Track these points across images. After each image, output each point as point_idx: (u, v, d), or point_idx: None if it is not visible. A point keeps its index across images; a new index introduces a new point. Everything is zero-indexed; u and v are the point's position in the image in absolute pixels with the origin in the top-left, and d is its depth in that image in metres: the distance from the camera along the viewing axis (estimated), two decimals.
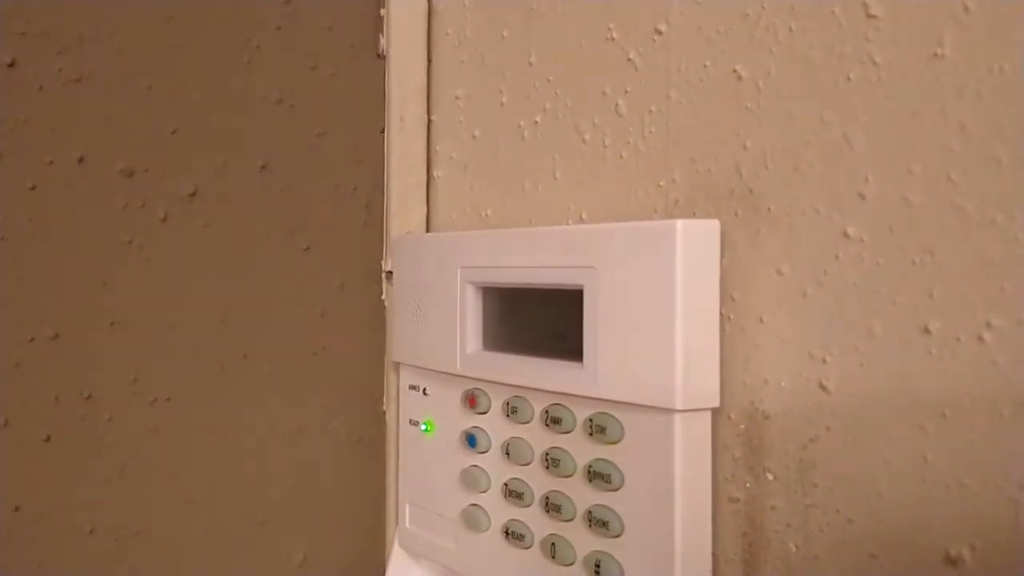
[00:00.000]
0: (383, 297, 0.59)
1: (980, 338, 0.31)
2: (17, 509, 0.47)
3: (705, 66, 0.40)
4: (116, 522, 0.49)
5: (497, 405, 0.47)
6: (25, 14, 0.46)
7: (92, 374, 0.49)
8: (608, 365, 0.40)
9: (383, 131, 0.58)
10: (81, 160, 0.48)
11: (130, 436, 0.50)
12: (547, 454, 0.44)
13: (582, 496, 0.42)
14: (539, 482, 0.44)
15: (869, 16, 0.34)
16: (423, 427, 0.53)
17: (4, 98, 0.46)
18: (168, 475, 0.51)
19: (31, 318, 0.47)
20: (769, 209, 0.38)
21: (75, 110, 0.48)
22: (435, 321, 0.51)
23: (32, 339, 0.47)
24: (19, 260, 0.46)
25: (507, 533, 0.46)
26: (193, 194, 0.51)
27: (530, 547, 0.45)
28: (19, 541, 0.47)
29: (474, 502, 0.49)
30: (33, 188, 0.47)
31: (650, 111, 0.43)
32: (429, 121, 0.58)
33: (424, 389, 0.53)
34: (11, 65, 0.46)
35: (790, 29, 0.37)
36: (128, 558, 0.50)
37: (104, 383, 0.49)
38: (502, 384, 0.46)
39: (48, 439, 0.47)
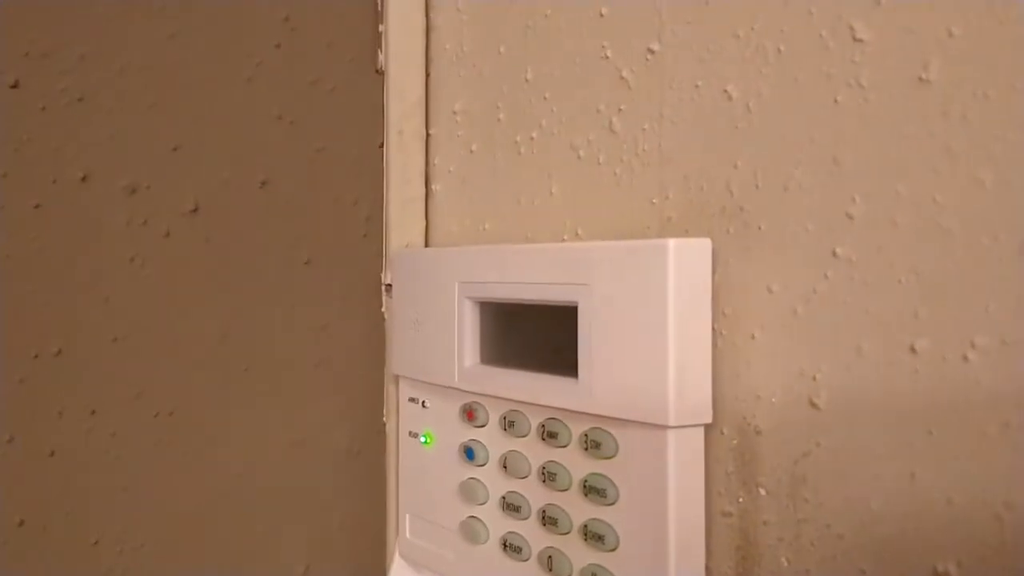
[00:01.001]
0: (383, 310, 0.59)
1: (965, 357, 0.32)
2: (21, 524, 0.47)
3: (697, 86, 0.41)
4: (120, 535, 0.50)
5: (495, 419, 0.48)
6: (28, 35, 0.47)
7: (96, 389, 0.49)
8: (602, 381, 0.41)
9: (382, 145, 0.59)
10: (84, 178, 0.49)
11: (133, 450, 0.50)
12: (544, 468, 0.44)
13: (578, 510, 0.43)
14: (536, 495, 0.45)
15: (856, 40, 0.34)
16: (422, 439, 0.53)
17: (7, 118, 0.47)
18: (171, 488, 0.52)
19: (35, 334, 0.48)
20: (760, 227, 0.38)
21: (78, 129, 0.48)
22: (433, 334, 0.51)
23: (36, 355, 0.48)
24: (23, 277, 0.47)
25: (505, 545, 0.47)
26: (195, 210, 0.52)
27: (527, 559, 0.46)
28: (24, 555, 0.47)
29: (473, 514, 0.49)
30: (37, 207, 0.47)
31: (643, 129, 0.43)
32: (427, 135, 0.58)
33: (423, 402, 0.54)
34: (14, 86, 0.47)
35: (779, 50, 0.37)
36: (132, 571, 0.50)
37: (108, 398, 0.50)
38: (499, 398, 0.47)
39: (52, 454, 0.48)
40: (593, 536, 0.42)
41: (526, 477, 0.46)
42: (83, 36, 0.49)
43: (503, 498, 0.47)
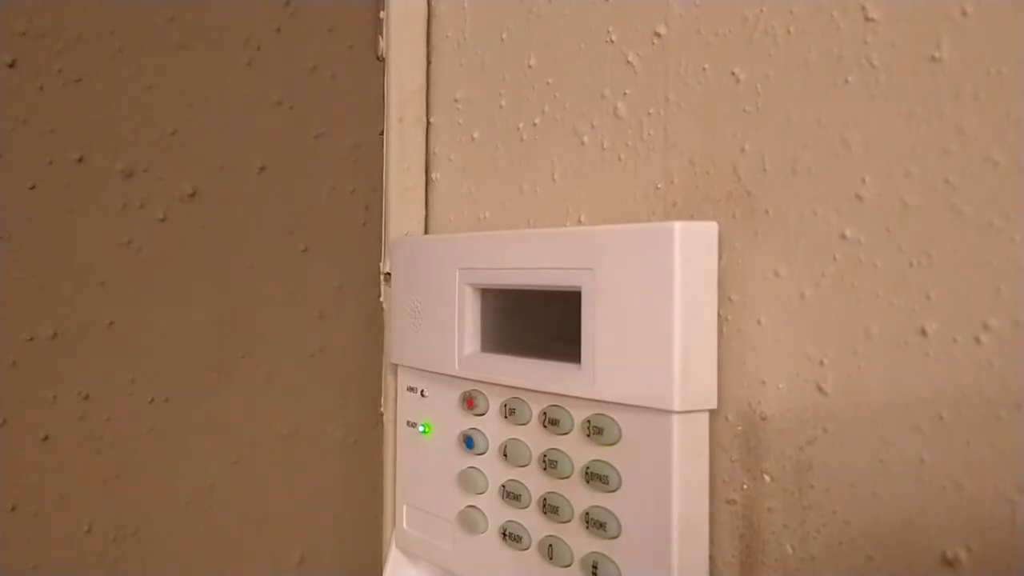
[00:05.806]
0: (381, 299, 0.59)
1: (977, 339, 0.31)
2: (14, 509, 0.47)
3: (704, 69, 0.40)
4: (113, 522, 0.49)
5: (495, 406, 0.47)
6: (25, 14, 0.46)
7: (90, 374, 0.49)
8: (606, 366, 0.40)
9: (382, 133, 0.58)
10: (80, 160, 0.48)
11: (128, 436, 0.50)
12: (545, 455, 0.44)
13: (580, 497, 0.42)
14: (537, 483, 0.45)
15: (867, 19, 0.34)
16: (421, 429, 0.53)
17: (4, 98, 0.46)
18: (166, 475, 0.51)
19: (30, 317, 0.47)
20: (767, 211, 0.38)
21: (75, 110, 0.48)
22: (433, 323, 0.51)
23: (31, 338, 0.47)
24: (18, 260, 0.46)
25: (504, 534, 0.46)
26: (192, 195, 0.51)
27: (527, 548, 0.45)
28: (16, 541, 0.47)
29: (472, 503, 0.49)
30: (32, 188, 0.47)
31: (649, 113, 0.43)
32: (428, 123, 0.58)
33: (422, 391, 0.53)
34: (11, 65, 0.46)
35: (788, 32, 0.37)
36: (125, 558, 0.50)
37: (102, 383, 0.49)
38: (500, 385, 0.46)
39: (46, 438, 0.47)
40: (595, 524, 0.41)
41: (526, 465, 0.45)
42: (81, 16, 0.48)
43: (503, 487, 0.47)
